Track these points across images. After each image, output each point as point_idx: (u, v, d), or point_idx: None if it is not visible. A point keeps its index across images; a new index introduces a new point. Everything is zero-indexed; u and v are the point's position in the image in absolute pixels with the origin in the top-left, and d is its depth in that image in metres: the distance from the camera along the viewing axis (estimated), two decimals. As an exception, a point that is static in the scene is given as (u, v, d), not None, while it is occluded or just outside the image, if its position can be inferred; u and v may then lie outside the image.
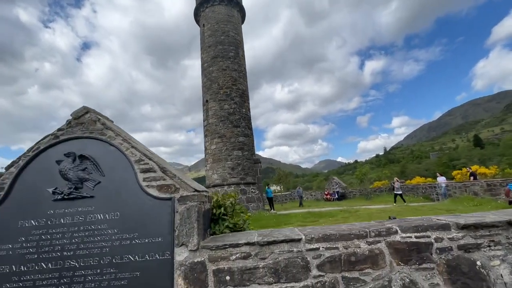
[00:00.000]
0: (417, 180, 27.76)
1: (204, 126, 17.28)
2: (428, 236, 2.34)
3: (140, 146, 2.84)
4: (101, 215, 2.48)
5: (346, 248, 2.33)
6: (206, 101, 17.27)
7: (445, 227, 2.37)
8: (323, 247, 2.35)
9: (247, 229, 3.22)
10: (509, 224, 2.32)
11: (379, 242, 2.35)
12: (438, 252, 2.30)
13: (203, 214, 2.62)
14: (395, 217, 3.52)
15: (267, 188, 18.35)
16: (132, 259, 2.35)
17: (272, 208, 17.23)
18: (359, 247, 2.33)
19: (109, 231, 2.43)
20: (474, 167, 23.33)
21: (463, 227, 2.33)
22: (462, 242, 2.31)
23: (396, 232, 2.37)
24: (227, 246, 2.37)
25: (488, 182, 13.57)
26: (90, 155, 2.65)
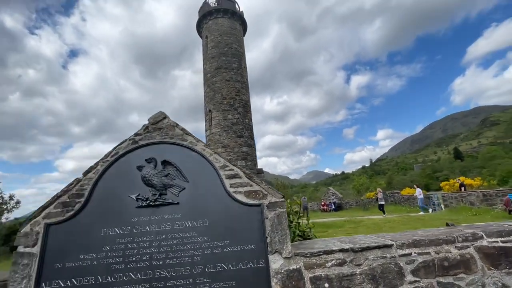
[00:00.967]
0: (408, 191, 28.54)
1: (207, 136, 17.17)
2: (512, 241, 2.44)
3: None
4: (189, 222, 2.42)
5: (438, 253, 2.39)
6: (209, 111, 17.25)
7: (527, 232, 2.47)
8: (415, 253, 2.39)
9: (314, 237, 3.21)
10: None
11: (468, 247, 2.42)
12: (524, 256, 2.39)
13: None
14: (453, 224, 3.62)
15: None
16: (226, 268, 2.29)
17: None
18: (450, 252, 2.39)
19: (199, 239, 2.37)
20: (462, 178, 24.37)
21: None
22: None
23: (482, 237, 2.45)
24: (321, 253, 2.37)
25: (484, 193, 14.15)
26: (173, 161, 2.60)
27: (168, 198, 2.50)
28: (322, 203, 26.86)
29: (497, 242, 2.43)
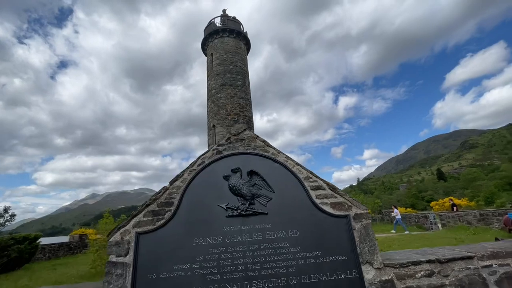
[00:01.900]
0: (400, 210, 29.11)
1: (210, 151, 17.10)
2: None
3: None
4: (280, 233, 2.44)
5: (516, 265, 2.50)
6: (213, 126, 17.29)
7: None
8: (496, 264, 2.49)
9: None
10: None
11: (543, 259, 2.55)
12: None
13: (368, 233, 2.67)
14: (503, 239, 3.77)
15: None
16: (321, 279, 2.30)
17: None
18: (528, 264, 2.51)
19: (292, 249, 2.38)
20: (452, 199, 25.23)
21: None
22: None
23: (553, 249, 2.60)
24: (410, 264, 2.42)
25: (481, 212, 14.65)
26: (258, 171, 2.65)
27: (257, 208, 2.52)
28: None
29: None
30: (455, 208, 21.33)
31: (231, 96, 17.62)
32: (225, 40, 19.32)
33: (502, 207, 22.92)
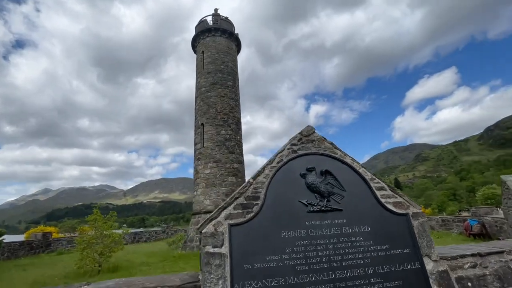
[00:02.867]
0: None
1: (197, 149, 16.79)
2: None
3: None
4: (355, 228, 2.68)
5: (535, 258, 3.03)
6: (201, 125, 17.05)
7: None
8: (520, 257, 3.00)
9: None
10: None
11: (551, 253, 3.12)
12: None
13: (419, 230, 3.02)
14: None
15: None
16: (392, 269, 2.58)
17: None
18: (542, 257, 3.06)
19: (366, 243, 2.63)
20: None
21: None
22: None
23: (557, 246, 3.19)
24: (458, 257, 2.82)
25: (443, 218, 16.41)
26: (331, 171, 2.87)
27: (333, 205, 2.73)
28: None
29: None
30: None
31: (222, 96, 17.58)
32: (217, 40, 19.25)
33: (452, 215, 25.84)
